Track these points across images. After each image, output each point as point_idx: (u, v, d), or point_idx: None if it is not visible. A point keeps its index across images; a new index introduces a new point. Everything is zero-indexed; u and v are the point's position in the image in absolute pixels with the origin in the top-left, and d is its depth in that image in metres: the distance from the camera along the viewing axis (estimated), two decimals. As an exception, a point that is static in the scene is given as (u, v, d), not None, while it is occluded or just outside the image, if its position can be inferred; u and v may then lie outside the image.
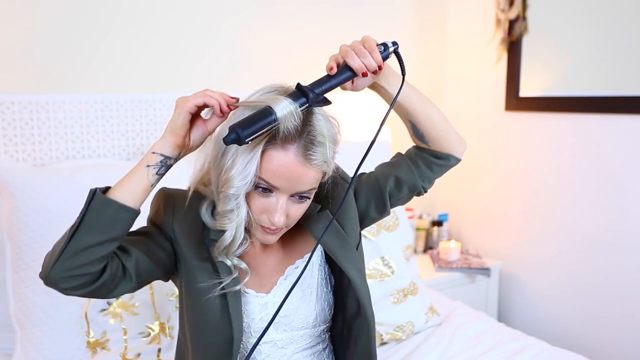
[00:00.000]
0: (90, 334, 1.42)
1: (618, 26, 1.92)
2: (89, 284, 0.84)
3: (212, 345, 0.95)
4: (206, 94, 0.85)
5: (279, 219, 0.88)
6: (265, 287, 1.01)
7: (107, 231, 0.81)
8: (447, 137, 1.04)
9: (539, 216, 2.24)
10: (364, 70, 0.88)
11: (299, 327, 1.02)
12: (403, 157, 1.10)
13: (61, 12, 1.69)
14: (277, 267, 1.03)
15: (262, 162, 0.85)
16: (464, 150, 1.08)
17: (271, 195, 0.88)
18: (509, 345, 1.65)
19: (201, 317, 0.95)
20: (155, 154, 0.86)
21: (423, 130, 1.02)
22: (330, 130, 0.89)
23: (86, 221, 0.81)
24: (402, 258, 1.83)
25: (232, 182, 0.86)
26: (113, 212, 0.81)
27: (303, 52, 2.15)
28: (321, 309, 1.03)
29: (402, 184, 1.07)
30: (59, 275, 0.82)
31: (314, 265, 1.04)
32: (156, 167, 0.85)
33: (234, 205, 0.88)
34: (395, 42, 0.93)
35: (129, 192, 0.84)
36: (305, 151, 0.84)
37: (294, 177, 0.86)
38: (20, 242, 1.45)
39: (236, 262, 0.96)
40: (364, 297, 1.00)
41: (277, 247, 1.05)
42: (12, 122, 1.62)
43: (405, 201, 1.12)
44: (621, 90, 1.92)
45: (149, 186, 0.86)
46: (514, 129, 2.30)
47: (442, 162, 1.07)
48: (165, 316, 1.48)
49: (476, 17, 2.40)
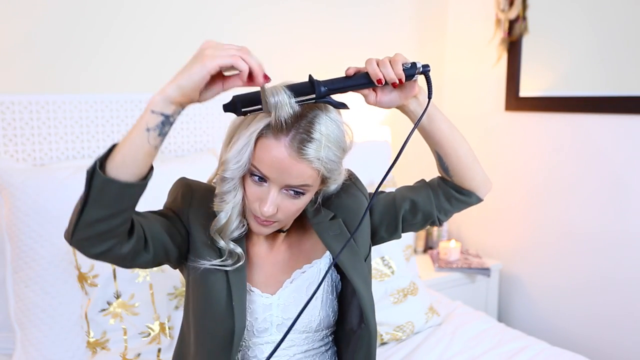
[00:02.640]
0: (90, 334, 1.42)
1: (618, 26, 1.92)
2: (118, 248, 0.82)
3: (214, 337, 0.96)
4: (239, 57, 0.73)
5: (268, 209, 0.88)
6: (271, 287, 1.01)
7: (115, 205, 0.77)
8: (472, 175, 1.03)
9: (539, 216, 2.24)
10: (379, 77, 0.86)
11: (302, 331, 1.02)
12: (425, 184, 1.09)
13: (61, 12, 1.69)
14: (283, 268, 1.03)
15: (255, 149, 0.86)
16: (488, 191, 1.07)
17: (264, 185, 0.89)
18: (509, 345, 1.65)
19: (205, 307, 0.96)
20: (155, 113, 0.74)
21: (449, 164, 1.01)
22: (334, 132, 0.87)
23: (92, 198, 0.75)
24: (402, 258, 1.83)
25: (227, 165, 0.87)
26: (117, 190, 0.75)
27: (303, 52, 2.15)
28: (325, 315, 1.03)
29: (417, 209, 1.06)
30: (82, 242, 0.80)
31: (320, 271, 1.04)
32: (157, 128, 0.75)
33: (230, 187, 0.90)
34: (427, 65, 0.90)
35: (132, 163, 0.75)
36: (299, 144, 0.84)
37: (283, 168, 0.85)
38: (20, 242, 1.45)
39: (232, 246, 0.95)
40: (368, 309, 1.00)
41: (284, 248, 1.05)
42: (12, 122, 1.62)
43: (418, 228, 1.10)
44: (621, 90, 1.92)
45: (152, 150, 0.76)
46: (514, 129, 2.30)
47: (462, 198, 1.06)
48: (165, 316, 1.48)
49: (476, 17, 2.40)
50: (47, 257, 1.46)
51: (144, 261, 0.89)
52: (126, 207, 0.78)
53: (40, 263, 1.46)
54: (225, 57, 0.72)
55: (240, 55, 0.74)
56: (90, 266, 1.44)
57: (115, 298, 1.44)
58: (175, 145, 1.89)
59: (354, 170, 1.09)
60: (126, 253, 0.84)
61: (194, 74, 0.72)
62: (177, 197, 0.98)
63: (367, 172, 1.70)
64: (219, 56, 0.72)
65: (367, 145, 2.08)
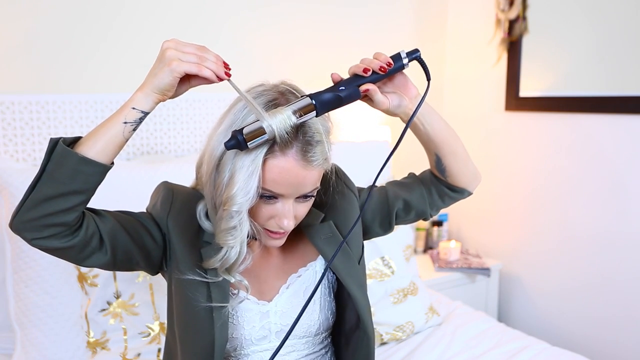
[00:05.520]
0: (90, 334, 1.42)
1: (618, 26, 1.92)
2: (59, 239, 0.80)
3: (195, 347, 0.93)
4: (202, 64, 0.77)
5: (289, 223, 0.87)
6: (266, 294, 0.99)
7: (68, 183, 0.76)
8: (466, 172, 1.05)
9: (539, 216, 2.24)
10: (364, 67, 0.85)
11: (301, 336, 1.01)
12: (417, 181, 1.10)
13: (61, 12, 1.69)
14: (277, 273, 1.01)
15: (263, 173, 0.83)
16: (478, 184, 1.10)
17: (277, 202, 0.87)
18: (509, 345, 1.65)
19: (186, 317, 0.94)
20: (136, 110, 0.79)
21: (447, 164, 1.02)
22: (324, 124, 0.87)
23: (47, 171, 0.76)
24: (402, 258, 1.83)
25: (234, 200, 0.83)
26: (73, 164, 0.76)
27: (303, 53, 2.15)
28: (324, 318, 1.02)
29: (411, 208, 1.08)
30: (22, 225, 0.78)
31: (316, 273, 1.02)
32: (134, 124, 0.79)
33: (237, 222, 0.85)
34: (414, 50, 0.89)
35: (101, 147, 0.78)
36: (305, 153, 0.83)
37: (297, 182, 0.84)
38: (20, 242, 1.45)
39: (239, 278, 0.94)
40: (364, 313, 0.99)
41: (276, 253, 1.03)
42: (12, 122, 1.62)
43: (410, 223, 1.13)
44: (621, 90, 1.92)
45: (123, 142, 0.80)
46: (514, 129, 2.30)
47: (455, 195, 1.08)
48: (165, 316, 1.48)
49: (476, 17, 2.40)
50: (47, 257, 1.46)
51: (101, 262, 0.87)
52: (78, 189, 0.77)
53: (40, 263, 1.46)
54: (190, 64, 0.77)
55: (201, 62, 0.78)
56: (90, 266, 1.44)
57: (115, 298, 1.44)
58: (175, 145, 1.89)
59: (353, 170, 1.08)
60: (70, 247, 0.81)
61: (166, 77, 0.77)
62: (157, 202, 0.96)
63: (367, 172, 1.69)
64: (185, 62, 0.77)
65: (367, 145, 2.08)
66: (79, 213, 0.80)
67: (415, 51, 0.89)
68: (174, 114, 1.88)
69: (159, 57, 0.78)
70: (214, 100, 1.95)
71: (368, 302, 1.02)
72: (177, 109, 1.89)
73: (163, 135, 1.87)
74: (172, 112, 1.88)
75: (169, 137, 1.88)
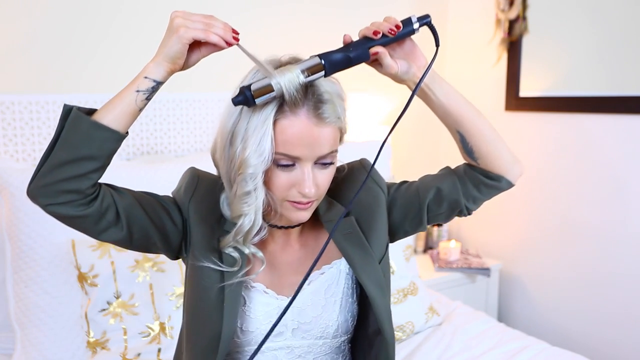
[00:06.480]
0: (90, 334, 1.42)
1: (618, 26, 1.92)
2: (73, 207, 0.80)
3: (201, 338, 0.92)
4: (209, 30, 0.79)
5: (310, 189, 0.84)
6: (285, 289, 0.96)
7: (82, 147, 0.77)
8: (499, 155, 0.96)
9: (539, 216, 2.24)
10: (374, 30, 0.86)
11: (318, 337, 0.97)
12: (450, 171, 1.01)
13: (61, 12, 1.69)
14: (298, 268, 0.98)
15: (276, 135, 0.82)
16: (519, 173, 1.00)
17: (295, 168, 0.85)
18: (509, 345, 1.65)
19: (195, 304, 0.93)
20: (148, 79, 0.81)
21: (473, 144, 0.95)
22: (333, 87, 0.86)
23: (62, 137, 0.78)
24: (402, 258, 1.83)
25: (248, 162, 0.82)
26: (86, 129, 0.78)
27: (303, 53, 2.14)
28: (344, 320, 0.98)
29: (442, 198, 0.98)
30: (38, 190, 0.79)
31: (341, 273, 0.98)
32: (146, 92, 0.81)
33: (251, 186, 0.84)
34: (425, 15, 0.88)
35: (114, 116, 0.80)
36: (316, 111, 0.82)
37: (312, 141, 0.82)
38: (20, 242, 1.45)
39: (253, 250, 0.92)
40: (382, 316, 0.95)
41: (297, 246, 0.99)
42: (12, 122, 1.62)
43: (444, 219, 1.02)
44: (621, 90, 1.92)
45: (137, 110, 0.81)
46: (514, 129, 2.30)
47: (492, 183, 0.99)
48: (165, 316, 1.48)
49: (476, 17, 2.40)
50: (47, 257, 1.46)
51: (117, 238, 0.86)
52: (92, 155, 0.78)
53: (40, 263, 1.46)
54: (197, 30, 0.79)
55: (209, 27, 0.80)
56: (90, 266, 1.44)
57: (115, 298, 1.44)
58: (175, 145, 1.89)
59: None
60: (84, 216, 0.81)
61: (175, 44, 0.79)
62: (182, 187, 0.95)
63: (367, 172, 1.70)
64: (192, 28, 0.79)
65: (367, 145, 2.08)
66: (93, 181, 0.80)
67: (426, 16, 0.89)
68: (174, 114, 1.88)
69: (168, 26, 0.81)
70: (214, 100, 1.95)
71: (388, 303, 0.98)
72: (177, 109, 1.89)
73: (163, 135, 1.87)
74: (172, 112, 1.88)
75: (169, 137, 1.88)
